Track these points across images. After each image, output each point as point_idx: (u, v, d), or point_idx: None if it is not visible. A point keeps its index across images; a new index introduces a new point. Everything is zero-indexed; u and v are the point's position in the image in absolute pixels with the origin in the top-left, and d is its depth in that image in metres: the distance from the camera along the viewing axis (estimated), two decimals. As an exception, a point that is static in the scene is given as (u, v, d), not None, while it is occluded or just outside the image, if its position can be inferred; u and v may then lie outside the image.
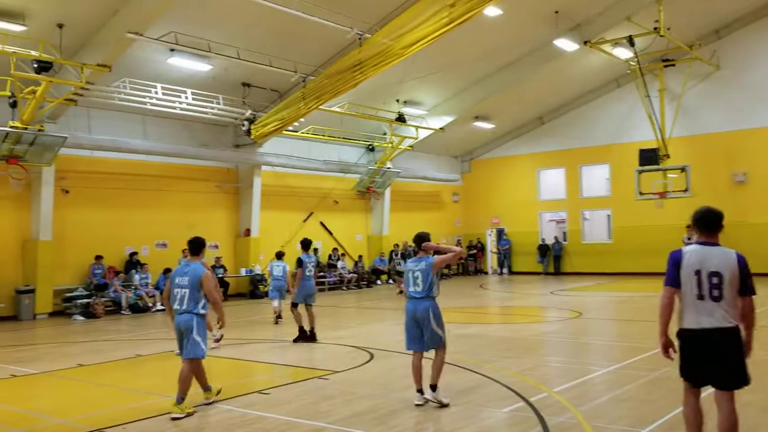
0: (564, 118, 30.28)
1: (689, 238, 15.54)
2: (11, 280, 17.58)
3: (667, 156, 24.38)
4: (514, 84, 25.20)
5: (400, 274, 22.66)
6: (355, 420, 6.96)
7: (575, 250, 29.89)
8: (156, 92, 18.45)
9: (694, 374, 5.08)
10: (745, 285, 4.96)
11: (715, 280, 4.93)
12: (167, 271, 19.74)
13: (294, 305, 12.51)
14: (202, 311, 7.49)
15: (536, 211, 31.41)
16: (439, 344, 7.50)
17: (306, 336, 12.34)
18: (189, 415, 7.24)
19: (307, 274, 12.49)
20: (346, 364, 10.01)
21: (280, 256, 15.34)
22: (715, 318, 4.91)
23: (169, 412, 7.22)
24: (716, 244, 5.05)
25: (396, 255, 24.39)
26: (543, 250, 30.42)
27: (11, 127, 15.89)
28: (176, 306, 7.51)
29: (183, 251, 12.71)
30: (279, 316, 15.34)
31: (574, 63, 25.19)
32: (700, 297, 4.95)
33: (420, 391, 7.47)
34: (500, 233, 31.93)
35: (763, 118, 25.26)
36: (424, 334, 7.47)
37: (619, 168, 27.95)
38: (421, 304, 7.46)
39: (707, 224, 5.11)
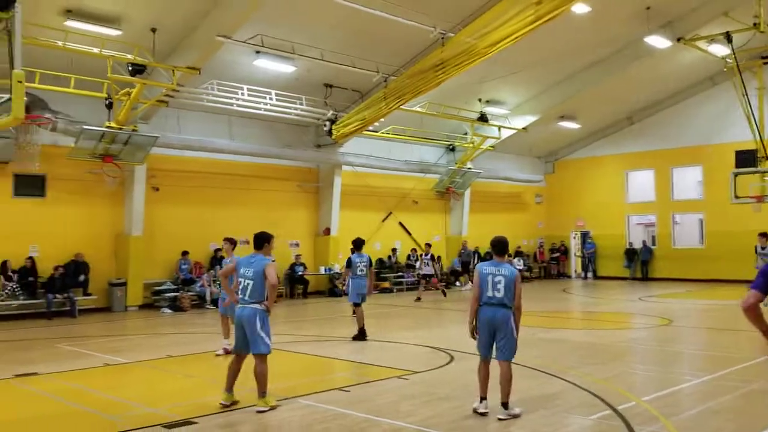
0: (654, 118, 29.14)
1: (763, 248, 15.03)
2: (105, 273, 18.43)
3: (766, 158, 23.05)
4: (602, 82, 24.42)
5: (427, 278, 22.08)
6: (436, 421, 6.87)
7: (664, 255, 28.72)
8: (242, 93, 18.94)
9: None
10: None
11: None
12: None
13: (355, 305, 12.73)
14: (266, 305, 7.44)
15: (623, 213, 30.38)
16: (511, 356, 7.10)
17: (364, 335, 12.52)
18: (273, 408, 7.36)
19: (358, 273, 12.67)
20: (425, 364, 9.94)
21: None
22: None
23: (254, 405, 7.35)
24: None
25: (425, 256, 22.00)
26: (630, 254, 29.41)
27: (107, 127, 16.64)
28: (240, 296, 7.54)
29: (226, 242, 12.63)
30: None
31: (666, 60, 24.15)
32: None
33: (484, 398, 7.15)
34: (585, 236, 31.09)
35: None
36: (498, 341, 7.10)
37: (713, 170, 26.69)
38: (500, 311, 7.08)
39: None
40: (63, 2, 14.72)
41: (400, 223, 26.24)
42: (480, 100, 24.56)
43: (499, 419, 6.90)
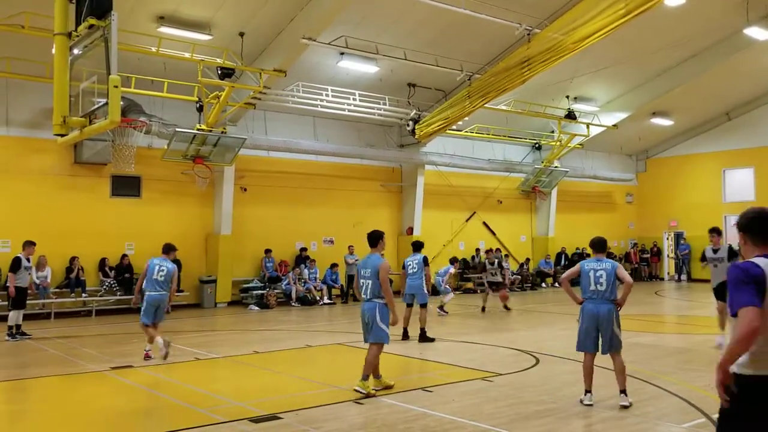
0: (754, 114, 27.60)
1: (715, 250, 11.41)
2: (196, 270, 19.09)
3: None
4: (697, 77, 23.29)
5: (494, 286, 18.05)
6: (520, 424, 6.70)
7: None
8: (326, 95, 19.18)
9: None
10: None
11: None
12: (334, 266, 20.53)
13: (407, 305, 12.77)
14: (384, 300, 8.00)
15: (720, 213, 28.84)
16: (619, 347, 7.35)
17: (407, 335, 12.44)
18: (369, 395, 7.70)
19: (410, 272, 12.79)
20: (510, 367, 9.73)
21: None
22: None
23: (348, 399, 7.39)
24: None
25: (492, 263, 18.17)
26: (729, 256, 27.84)
27: (198, 129, 17.23)
28: (363, 295, 8.17)
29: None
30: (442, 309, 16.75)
31: (767, 53, 22.81)
32: None
33: (589, 391, 7.39)
34: (678, 237, 29.76)
35: None
36: (603, 336, 7.32)
37: (820, 167, 24.99)
38: (604, 305, 7.31)
39: (761, 229, 3.67)
40: (156, 9, 15.35)
41: (484, 223, 25.91)
42: (568, 97, 23.93)
43: (622, 406, 7.17)
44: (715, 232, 12.14)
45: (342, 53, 17.94)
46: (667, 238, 30.38)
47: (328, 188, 21.60)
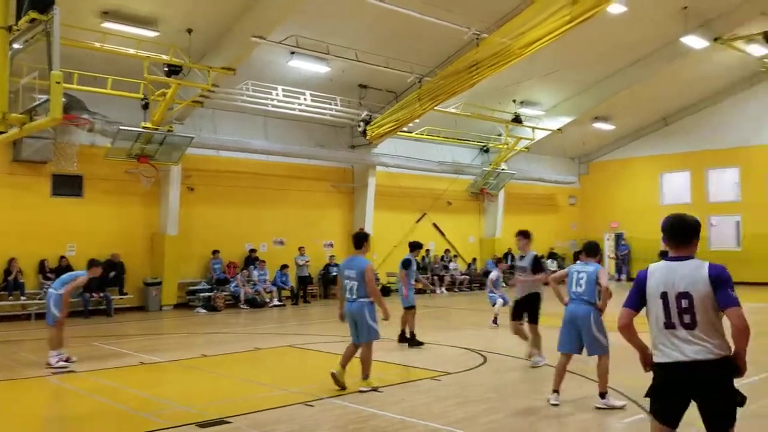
0: (690, 119, 28.64)
1: (522, 256, 9.87)
2: (140, 272, 18.67)
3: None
4: (638, 83, 24.05)
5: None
6: (469, 423, 6.81)
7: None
8: (277, 94, 19.05)
9: (664, 413, 4.10)
10: (723, 298, 3.93)
11: (684, 303, 3.99)
12: (284, 267, 20.40)
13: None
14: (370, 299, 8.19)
15: (658, 215, 29.55)
16: (601, 351, 7.40)
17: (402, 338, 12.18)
18: (375, 389, 8.11)
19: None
20: (458, 366, 9.86)
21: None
22: (693, 349, 3.93)
23: (291, 404, 7.35)
24: (688, 258, 4.12)
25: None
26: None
27: (143, 127, 16.86)
28: (348, 295, 8.27)
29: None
30: None
31: (703, 61, 23.67)
32: (670, 325, 4.00)
33: (556, 391, 7.45)
34: (619, 238, 30.64)
35: None
36: (585, 338, 7.43)
37: (751, 172, 26.23)
38: (581, 307, 7.45)
39: (674, 235, 4.18)
40: (101, 4, 14.97)
41: (434, 224, 26.15)
42: (514, 101, 24.38)
43: (596, 407, 7.25)
44: (522, 235, 10.23)
45: (293, 52, 17.83)
46: (608, 239, 31.22)
47: (278, 189, 21.43)
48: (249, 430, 6.61)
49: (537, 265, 9.83)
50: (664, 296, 4.06)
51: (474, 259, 26.79)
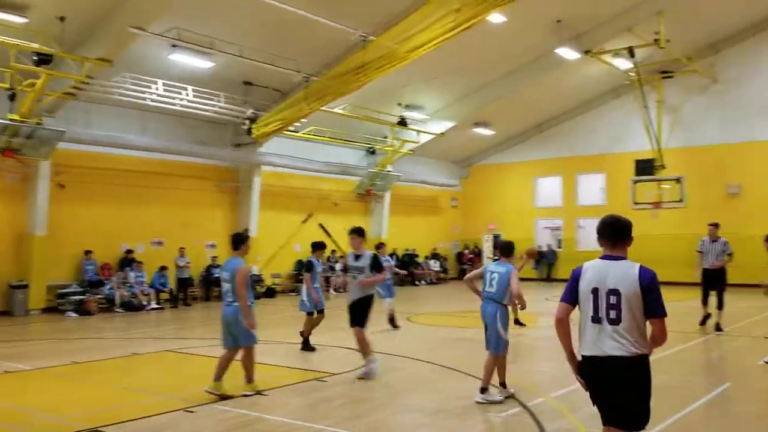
0: (562, 127, 30.39)
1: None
2: (5, 274, 17.39)
3: (663, 167, 24.47)
4: (515, 91, 25.22)
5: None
6: (352, 423, 6.86)
7: (570, 257, 29.84)
8: (156, 88, 18.34)
9: (599, 408, 4.37)
10: (652, 305, 4.14)
11: (612, 299, 4.20)
12: (163, 268, 19.66)
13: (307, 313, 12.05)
14: (250, 303, 7.90)
15: (532, 218, 31.43)
16: (500, 349, 7.67)
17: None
18: (259, 393, 7.96)
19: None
20: (344, 366, 9.90)
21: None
22: (612, 344, 4.18)
23: (174, 410, 7.11)
24: (620, 258, 4.32)
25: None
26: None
27: (9, 119, 15.75)
28: (225, 298, 8.06)
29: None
30: None
31: (575, 72, 25.22)
32: (597, 320, 4.25)
33: (486, 389, 7.59)
34: (496, 239, 31.88)
35: (758, 132, 25.61)
36: (488, 333, 7.72)
37: (615, 177, 28.01)
38: (491, 305, 7.74)
39: (610, 234, 4.38)
40: (-38, -15, 13.84)
41: (320, 225, 26.04)
42: (400, 104, 24.79)
43: (476, 402, 7.47)
44: (356, 233, 9.50)
45: (174, 45, 17.23)
46: (487, 240, 32.43)
47: (157, 187, 20.59)
48: (126, 440, 6.34)
49: (377, 264, 9.27)
50: (594, 292, 4.27)
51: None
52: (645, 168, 24.49)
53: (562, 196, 30.68)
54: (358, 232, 9.45)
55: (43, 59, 15.01)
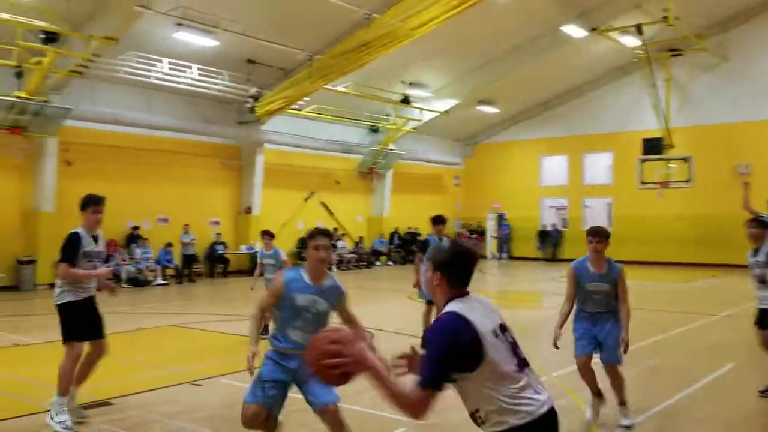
0: (568, 105, 30.21)
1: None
2: (13, 250, 17.63)
3: (671, 146, 24.41)
4: (520, 69, 25.08)
5: None
6: (357, 398, 7.02)
7: (575, 237, 29.90)
8: (162, 66, 18.39)
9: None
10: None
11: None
12: (168, 245, 19.88)
13: None
14: None
15: (537, 197, 31.46)
16: None
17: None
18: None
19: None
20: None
21: None
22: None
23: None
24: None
25: None
26: (543, 236, 30.52)
27: (16, 97, 15.86)
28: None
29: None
30: None
31: (581, 50, 25.06)
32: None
33: None
34: (500, 218, 32.00)
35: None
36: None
37: (622, 156, 27.92)
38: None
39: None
40: (-33, -37, 13.89)
41: (322, 203, 26.25)
42: (403, 82, 24.76)
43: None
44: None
45: (179, 24, 17.26)
46: (491, 219, 32.55)
47: (163, 164, 20.75)
48: (132, 412, 6.54)
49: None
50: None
51: (361, 238, 27.17)
52: (653, 147, 24.43)
53: (568, 175, 30.62)
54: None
55: (50, 37, 15.11)
